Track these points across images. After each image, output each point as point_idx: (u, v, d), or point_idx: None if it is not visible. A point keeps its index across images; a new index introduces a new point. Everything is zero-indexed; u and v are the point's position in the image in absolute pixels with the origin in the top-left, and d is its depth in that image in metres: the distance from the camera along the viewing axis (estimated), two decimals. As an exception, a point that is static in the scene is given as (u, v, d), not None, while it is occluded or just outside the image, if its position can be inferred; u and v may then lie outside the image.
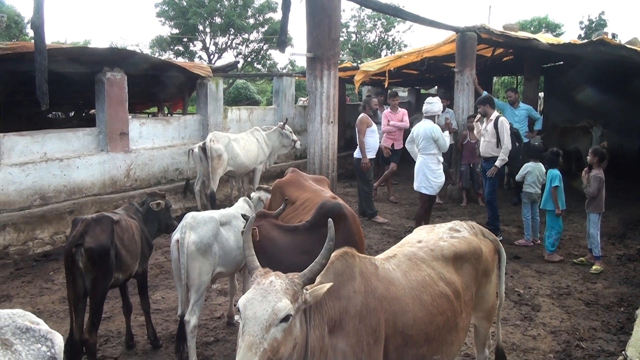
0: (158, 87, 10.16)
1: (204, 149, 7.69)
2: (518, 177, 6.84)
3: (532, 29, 25.87)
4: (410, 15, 9.14)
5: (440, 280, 2.63)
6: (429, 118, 6.62)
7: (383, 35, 32.66)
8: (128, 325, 4.13)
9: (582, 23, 26.33)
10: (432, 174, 6.54)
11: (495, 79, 18.77)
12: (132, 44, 31.01)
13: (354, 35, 33.09)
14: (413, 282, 2.53)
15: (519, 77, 15.52)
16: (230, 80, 23.89)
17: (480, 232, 3.14)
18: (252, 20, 28.28)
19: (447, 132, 6.79)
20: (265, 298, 1.93)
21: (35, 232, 6.42)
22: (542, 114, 11.35)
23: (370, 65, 11.03)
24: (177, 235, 3.68)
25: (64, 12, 61.36)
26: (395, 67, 10.97)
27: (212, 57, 28.45)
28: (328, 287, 2.10)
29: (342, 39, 27.92)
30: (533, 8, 57.78)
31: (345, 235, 3.16)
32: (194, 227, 3.68)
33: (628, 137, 11.00)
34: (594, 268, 5.80)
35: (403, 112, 9.44)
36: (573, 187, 7.37)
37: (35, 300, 4.99)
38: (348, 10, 32.19)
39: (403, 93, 17.17)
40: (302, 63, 25.88)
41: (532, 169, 6.60)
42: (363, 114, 7.97)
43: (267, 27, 28.14)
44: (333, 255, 2.26)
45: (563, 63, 12.47)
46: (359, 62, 18.64)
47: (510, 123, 7.33)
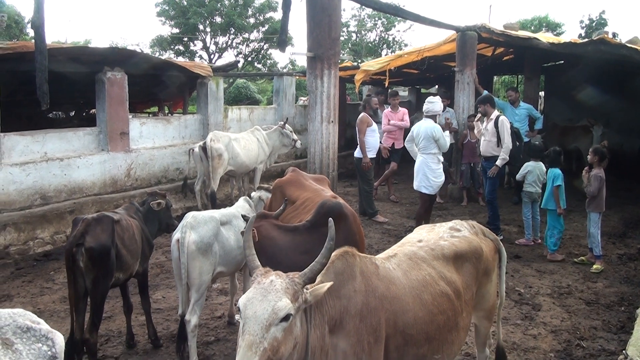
0: (158, 86, 10.16)
1: (205, 149, 7.69)
2: (518, 176, 6.83)
3: (532, 29, 25.82)
4: (411, 15, 9.15)
5: (441, 280, 2.63)
6: (430, 117, 6.60)
7: (383, 35, 32.67)
8: (129, 325, 4.13)
9: (582, 22, 26.33)
10: (432, 174, 6.53)
11: (496, 78, 18.75)
12: (132, 44, 31.11)
13: (355, 35, 33.09)
14: (414, 281, 2.53)
15: (520, 76, 15.51)
16: (231, 80, 23.89)
17: (481, 231, 3.14)
18: (252, 20, 28.32)
19: (447, 131, 6.78)
20: (266, 297, 1.93)
21: (36, 231, 6.42)
22: (542, 113, 11.33)
23: (371, 65, 11.02)
24: (177, 235, 3.68)
25: (65, 11, 61.52)
26: (396, 66, 10.97)
27: (212, 56, 28.47)
28: (328, 286, 2.10)
29: (342, 39, 27.83)
30: (533, 7, 58.00)
31: (346, 235, 3.16)
32: (195, 226, 3.69)
33: (628, 136, 10.99)
34: (595, 267, 5.80)
35: (403, 111, 9.42)
36: (573, 186, 7.38)
37: (36, 300, 4.99)
38: (348, 10, 32.25)
39: (403, 92, 17.18)
40: (302, 62, 25.89)
41: (532, 168, 6.59)
42: (363, 114, 7.97)
43: (267, 26, 28.18)
44: (333, 255, 2.26)
45: (563, 62, 12.47)
46: (360, 61, 18.64)
47: (511, 122, 7.33)
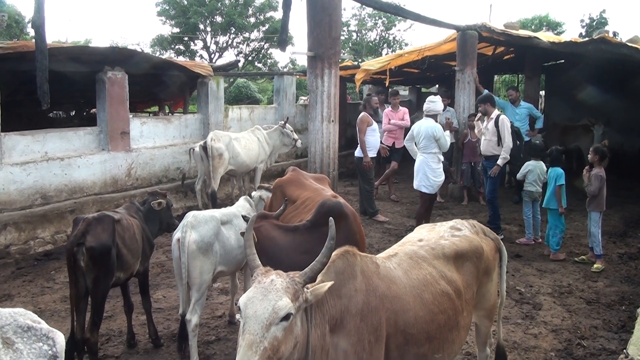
0: (159, 86, 10.14)
1: (205, 148, 7.69)
2: (519, 175, 6.83)
3: (533, 28, 25.77)
4: (411, 14, 9.14)
5: (442, 279, 2.63)
6: (431, 117, 6.60)
7: (384, 34, 32.65)
8: (129, 324, 4.13)
9: (583, 21, 26.28)
10: (432, 173, 6.53)
11: (496, 78, 18.71)
12: (132, 43, 31.12)
13: (355, 34, 33.08)
14: (414, 280, 2.53)
15: (520, 75, 15.50)
16: (231, 79, 23.86)
17: (482, 230, 3.14)
18: (252, 19, 28.30)
19: (448, 131, 6.77)
20: (266, 297, 1.93)
21: (37, 231, 6.43)
22: (543, 113, 11.32)
23: (371, 64, 11.01)
24: (178, 234, 3.68)
25: (65, 11, 61.51)
26: (396, 65, 10.96)
27: (212, 56, 28.46)
28: (329, 285, 2.10)
29: (342, 38, 27.77)
30: (534, 6, 57.78)
31: (346, 234, 3.15)
32: (195, 226, 3.69)
33: (629, 135, 10.98)
34: (595, 266, 5.80)
35: (404, 110, 9.42)
36: (574, 185, 7.37)
37: (37, 300, 4.99)
38: (349, 9, 32.23)
39: (404, 92, 17.17)
40: (303, 62, 25.83)
41: (533, 168, 6.59)
42: (364, 113, 7.96)
43: (267, 26, 28.16)
44: (334, 254, 2.25)
45: (564, 61, 12.46)
46: (360, 60, 18.59)
47: (511, 121, 7.32)
